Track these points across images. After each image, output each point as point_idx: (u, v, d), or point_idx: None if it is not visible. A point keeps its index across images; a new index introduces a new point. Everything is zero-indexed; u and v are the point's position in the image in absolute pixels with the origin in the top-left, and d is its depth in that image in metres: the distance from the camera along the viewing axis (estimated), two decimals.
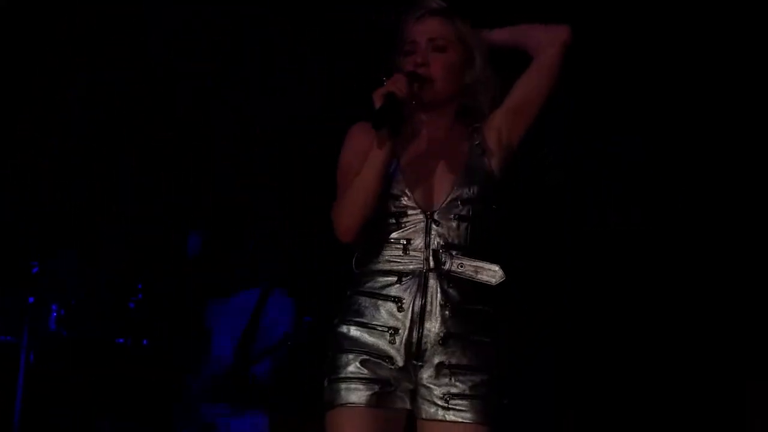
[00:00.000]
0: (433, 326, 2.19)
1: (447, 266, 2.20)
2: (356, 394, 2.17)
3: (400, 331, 2.19)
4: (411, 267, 2.22)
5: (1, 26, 4.76)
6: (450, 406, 2.17)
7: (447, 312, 2.19)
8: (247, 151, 5.06)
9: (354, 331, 2.23)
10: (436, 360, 2.19)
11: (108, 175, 5.12)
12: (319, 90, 4.74)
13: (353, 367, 2.19)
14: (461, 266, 2.20)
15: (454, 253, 2.21)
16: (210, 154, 5.12)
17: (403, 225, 2.24)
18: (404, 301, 2.20)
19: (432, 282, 2.20)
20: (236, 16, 4.68)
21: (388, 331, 2.20)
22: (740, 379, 4.30)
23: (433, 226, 2.22)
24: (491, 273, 2.21)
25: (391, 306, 2.21)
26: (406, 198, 2.24)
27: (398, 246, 2.23)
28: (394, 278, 2.22)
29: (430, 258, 2.20)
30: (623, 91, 4.44)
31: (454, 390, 2.17)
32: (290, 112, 4.80)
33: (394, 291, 2.22)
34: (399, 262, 2.23)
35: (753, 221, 4.37)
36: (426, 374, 2.19)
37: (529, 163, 4.40)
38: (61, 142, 5.02)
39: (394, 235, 2.24)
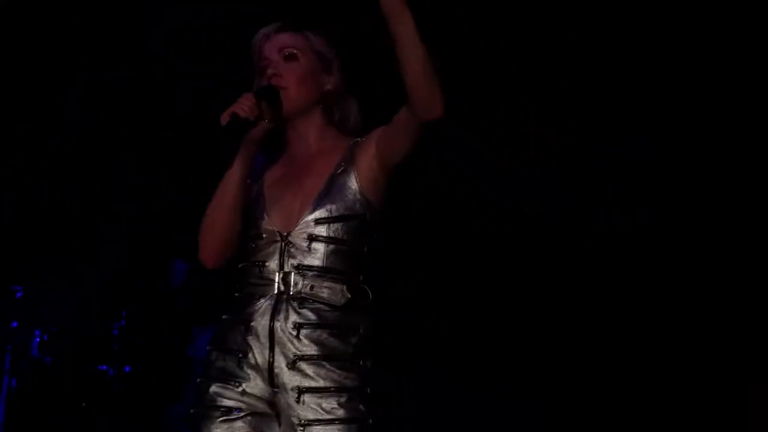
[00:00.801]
0: (283, 350, 2.14)
1: (298, 287, 2.17)
2: (206, 423, 2.16)
3: (249, 354, 2.16)
4: (265, 290, 2.19)
5: (1, 26, 4.74)
6: None
7: (299, 334, 2.14)
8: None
9: (213, 356, 2.22)
10: (291, 384, 2.14)
11: (108, 175, 5.11)
12: None
13: (207, 395, 2.19)
14: (311, 288, 2.17)
15: (309, 274, 2.17)
16: (210, 154, 5.10)
17: (260, 248, 2.21)
18: (252, 324, 2.17)
19: (283, 305, 2.17)
20: (236, 16, 4.65)
21: (238, 354, 2.17)
22: (743, 383, 4.27)
23: (287, 247, 2.19)
24: (339, 294, 2.17)
25: (243, 329, 2.18)
26: (263, 220, 2.23)
27: (255, 269, 2.21)
28: (249, 301, 2.20)
29: (280, 281, 2.18)
30: (630, 92, 4.41)
31: (310, 416, 2.11)
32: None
33: (245, 314, 2.19)
34: (256, 285, 2.21)
35: (759, 223, 4.34)
36: (283, 400, 2.15)
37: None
38: (61, 142, 5.02)
39: (253, 257, 2.22)
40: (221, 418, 2.15)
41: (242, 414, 2.16)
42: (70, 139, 5.03)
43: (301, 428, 2.11)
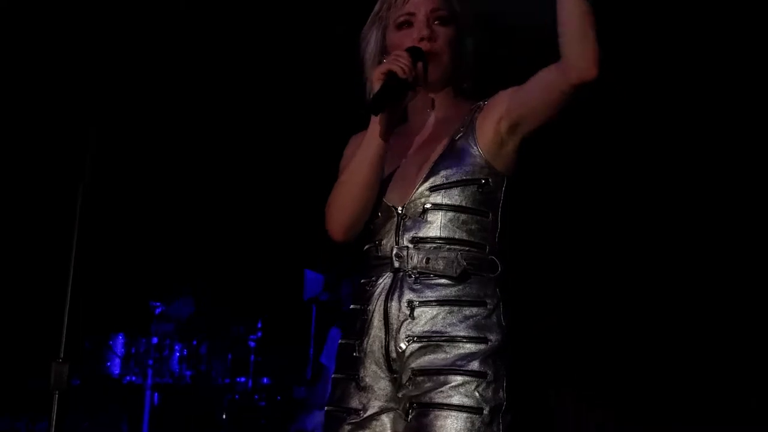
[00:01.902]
0: (398, 331, 1.94)
1: (414, 262, 1.95)
2: (336, 426, 1.99)
3: (365, 341, 1.97)
4: (381, 270, 1.99)
5: (1, 26, 4.76)
6: (420, 418, 1.89)
7: (413, 313, 1.93)
8: (247, 151, 5.07)
9: (341, 347, 2.04)
10: (405, 368, 1.93)
11: (108, 174, 5.12)
12: (318, 89, 4.74)
13: (335, 393, 2.02)
14: (427, 261, 1.95)
15: (425, 246, 1.96)
16: (210, 154, 5.13)
17: (378, 226, 2.02)
18: (369, 308, 1.98)
19: (398, 283, 1.95)
20: (236, 16, 4.68)
21: (355, 342, 1.99)
22: (744, 394, 4.28)
23: (403, 221, 1.98)
24: (454, 264, 1.94)
25: (361, 315, 1.99)
26: (381, 196, 2.02)
27: (373, 248, 2.02)
28: (368, 285, 2.00)
29: (394, 257, 1.97)
30: (626, 96, 4.43)
31: (423, 400, 1.89)
32: (290, 111, 4.81)
33: (364, 299, 2.00)
34: (374, 266, 2.01)
35: (755, 225, 4.35)
36: (405, 383, 1.93)
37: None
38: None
39: (373, 238, 2.02)
40: (348, 421, 1.97)
41: (366, 415, 1.96)
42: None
43: (413, 413, 1.91)
